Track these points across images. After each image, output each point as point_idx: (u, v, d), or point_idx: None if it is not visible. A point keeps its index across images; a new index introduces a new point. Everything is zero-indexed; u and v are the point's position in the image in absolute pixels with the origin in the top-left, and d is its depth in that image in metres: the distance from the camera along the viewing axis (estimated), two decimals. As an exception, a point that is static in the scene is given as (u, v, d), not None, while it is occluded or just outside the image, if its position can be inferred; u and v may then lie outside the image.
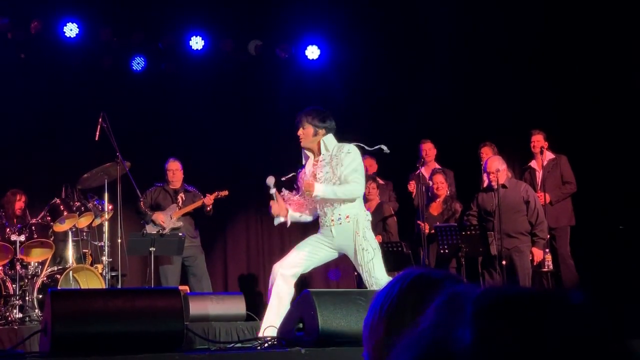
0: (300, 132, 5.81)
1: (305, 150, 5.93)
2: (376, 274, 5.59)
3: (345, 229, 5.72)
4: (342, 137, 5.95)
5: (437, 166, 9.77)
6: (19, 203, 8.95)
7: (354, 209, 5.76)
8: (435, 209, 9.28)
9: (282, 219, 5.91)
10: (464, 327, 0.79)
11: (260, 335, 5.50)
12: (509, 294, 0.84)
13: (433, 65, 10.77)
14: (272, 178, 5.81)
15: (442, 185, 9.24)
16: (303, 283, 10.86)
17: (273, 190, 5.81)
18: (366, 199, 8.06)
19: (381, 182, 9.80)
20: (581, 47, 10.15)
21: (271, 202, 5.84)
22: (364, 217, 5.79)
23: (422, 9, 10.82)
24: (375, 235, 6.12)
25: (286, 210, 5.88)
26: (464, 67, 10.73)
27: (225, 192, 9.12)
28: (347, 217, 5.73)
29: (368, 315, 1.36)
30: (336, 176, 5.69)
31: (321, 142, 5.79)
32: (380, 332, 1.32)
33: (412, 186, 9.57)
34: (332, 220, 5.74)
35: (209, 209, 9.07)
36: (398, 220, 9.60)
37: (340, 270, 10.36)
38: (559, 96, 10.35)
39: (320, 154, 5.81)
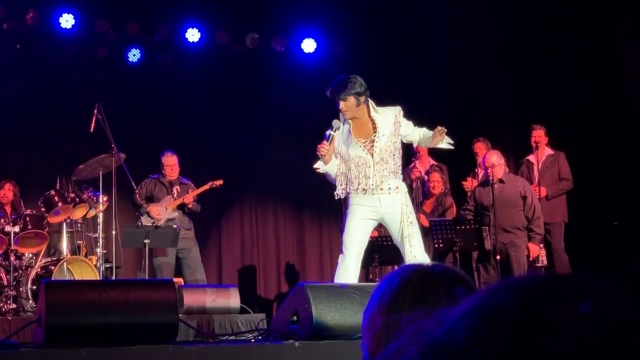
0: (342, 105, 5.77)
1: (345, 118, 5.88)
2: (416, 250, 5.68)
3: (394, 199, 5.77)
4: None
5: (431, 160, 9.72)
6: (2, 191, 8.93)
7: (401, 183, 5.87)
8: (428, 206, 9.29)
9: (322, 164, 5.86)
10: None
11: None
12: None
13: (431, 59, 10.75)
14: (339, 122, 5.84)
15: (437, 184, 9.24)
16: (297, 276, 10.90)
17: (334, 132, 5.81)
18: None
19: None
20: (581, 44, 10.14)
21: (324, 142, 5.77)
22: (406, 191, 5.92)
23: (420, 1, 10.80)
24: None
25: (331, 156, 5.87)
26: (462, 60, 10.71)
27: (220, 182, 9.10)
28: (397, 188, 5.80)
29: (368, 306, 1.37)
30: (397, 133, 5.82)
31: (370, 106, 5.87)
32: (378, 323, 1.33)
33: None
34: (382, 190, 5.76)
35: (190, 205, 8.99)
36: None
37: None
38: (556, 93, 10.34)
39: (370, 117, 5.84)
